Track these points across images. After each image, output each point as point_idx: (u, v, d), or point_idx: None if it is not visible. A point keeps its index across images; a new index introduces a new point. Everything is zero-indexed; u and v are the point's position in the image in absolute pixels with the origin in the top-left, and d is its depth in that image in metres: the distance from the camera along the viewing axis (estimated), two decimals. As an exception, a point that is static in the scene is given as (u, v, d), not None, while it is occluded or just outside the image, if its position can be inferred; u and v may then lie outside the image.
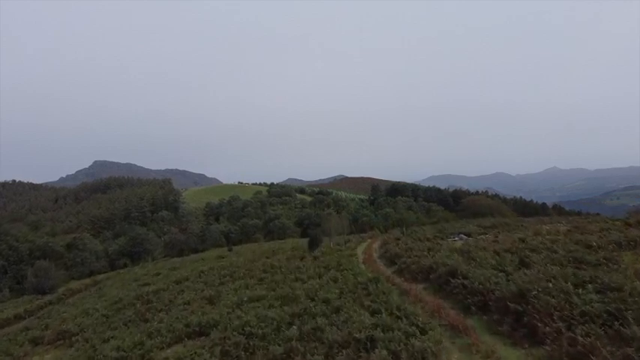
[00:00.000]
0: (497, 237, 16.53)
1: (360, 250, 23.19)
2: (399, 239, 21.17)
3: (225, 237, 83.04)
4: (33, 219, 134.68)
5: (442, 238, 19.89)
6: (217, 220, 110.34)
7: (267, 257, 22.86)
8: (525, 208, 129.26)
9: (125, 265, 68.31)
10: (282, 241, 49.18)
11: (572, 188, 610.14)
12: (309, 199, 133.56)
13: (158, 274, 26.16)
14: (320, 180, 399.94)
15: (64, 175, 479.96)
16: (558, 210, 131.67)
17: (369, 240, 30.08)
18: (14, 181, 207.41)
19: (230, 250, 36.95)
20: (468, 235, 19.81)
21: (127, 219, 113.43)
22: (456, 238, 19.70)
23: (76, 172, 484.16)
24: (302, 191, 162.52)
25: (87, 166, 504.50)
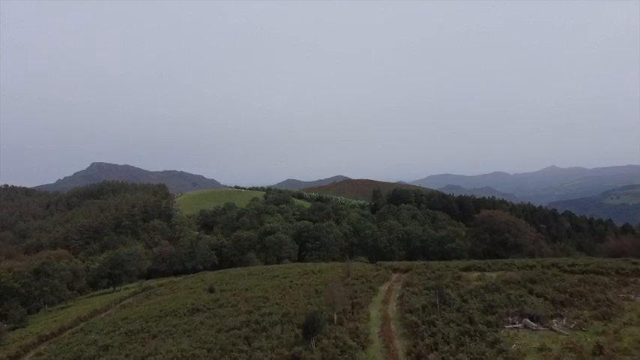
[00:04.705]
0: (600, 346, 10.43)
1: (374, 324, 17.02)
2: (434, 323, 14.81)
3: (217, 252, 76.83)
4: (21, 227, 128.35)
5: (497, 324, 13.75)
6: (211, 229, 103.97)
7: (250, 338, 16.61)
8: (535, 214, 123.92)
9: (108, 285, 62.38)
10: (279, 267, 42.93)
11: (571, 187, 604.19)
12: (307, 205, 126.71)
13: (107, 347, 19.92)
14: (319, 181, 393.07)
15: (61, 178, 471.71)
16: (568, 216, 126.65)
17: (382, 289, 23.86)
18: (7, 185, 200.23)
19: (212, 290, 30.78)
20: (536, 319, 13.68)
21: (117, 228, 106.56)
22: (519, 325, 13.60)
23: (74, 174, 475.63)
24: (300, 196, 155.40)
25: (84, 168, 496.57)
